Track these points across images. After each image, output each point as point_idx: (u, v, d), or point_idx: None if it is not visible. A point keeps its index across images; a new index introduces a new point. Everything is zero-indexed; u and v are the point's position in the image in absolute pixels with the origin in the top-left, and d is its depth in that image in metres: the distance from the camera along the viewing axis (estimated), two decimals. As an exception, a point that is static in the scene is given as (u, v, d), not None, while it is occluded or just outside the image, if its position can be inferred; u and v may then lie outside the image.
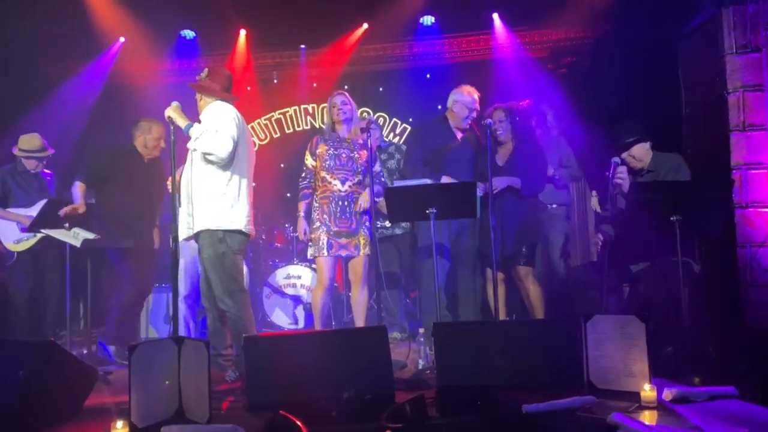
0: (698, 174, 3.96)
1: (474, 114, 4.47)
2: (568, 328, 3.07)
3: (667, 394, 2.67)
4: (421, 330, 4.01)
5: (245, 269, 5.18)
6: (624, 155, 3.89)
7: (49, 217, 4.11)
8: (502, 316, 4.22)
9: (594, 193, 4.34)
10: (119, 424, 2.31)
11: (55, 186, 5.03)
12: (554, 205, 4.97)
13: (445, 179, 4.18)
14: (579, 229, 6.19)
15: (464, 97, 4.47)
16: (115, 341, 4.40)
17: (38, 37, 5.89)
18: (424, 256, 4.24)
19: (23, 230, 4.64)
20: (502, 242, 4.19)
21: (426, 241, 4.06)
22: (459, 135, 4.50)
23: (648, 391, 2.63)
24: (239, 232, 3.54)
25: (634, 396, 2.68)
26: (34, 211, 4.68)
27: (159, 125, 4.50)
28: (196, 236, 3.55)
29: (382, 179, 4.44)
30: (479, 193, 3.99)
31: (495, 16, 6.53)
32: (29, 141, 4.83)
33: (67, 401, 2.88)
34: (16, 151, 4.83)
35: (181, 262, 4.41)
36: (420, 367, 3.70)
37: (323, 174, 4.17)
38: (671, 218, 3.38)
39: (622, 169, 3.78)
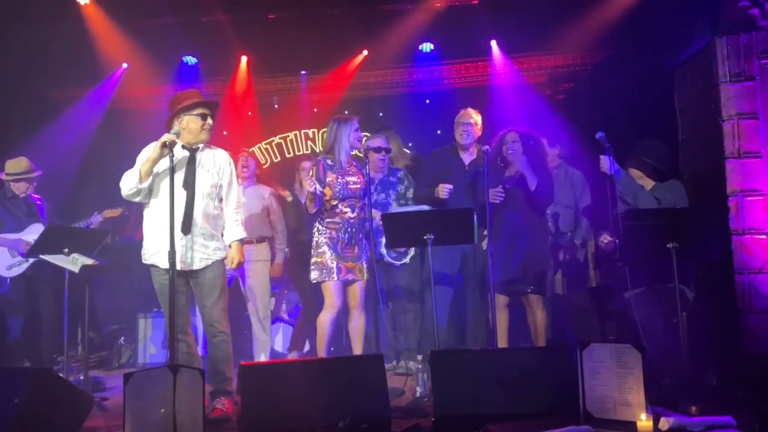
0: (694, 201, 3.98)
1: (470, 128, 4.52)
2: (564, 356, 3.06)
3: (664, 424, 2.65)
4: (419, 357, 4.01)
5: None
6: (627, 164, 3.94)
7: (49, 242, 4.12)
8: (504, 344, 4.21)
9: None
10: (113, 453, 2.30)
11: (46, 210, 5.02)
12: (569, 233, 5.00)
13: (443, 189, 4.23)
14: (576, 254, 6.19)
15: (457, 117, 4.60)
16: None
17: (43, 62, 5.98)
18: (427, 283, 4.25)
19: (21, 255, 4.64)
20: (509, 268, 4.20)
21: (426, 269, 4.08)
22: (468, 160, 4.56)
23: (644, 421, 2.61)
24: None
25: (631, 425, 2.66)
26: (24, 235, 4.70)
27: None
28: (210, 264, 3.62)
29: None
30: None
31: (493, 43, 6.61)
32: (16, 164, 4.83)
33: (63, 429, 2.87)
34: (2, 176, 4.83)
35: None
36: (417, 394, 3.68)
37: (334, 202, 4.16)
38: (668, 245, 3.39)
39: (603, 158, 3.86)
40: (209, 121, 3.60)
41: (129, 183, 3.51)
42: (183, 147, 3.58)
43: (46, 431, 2.79)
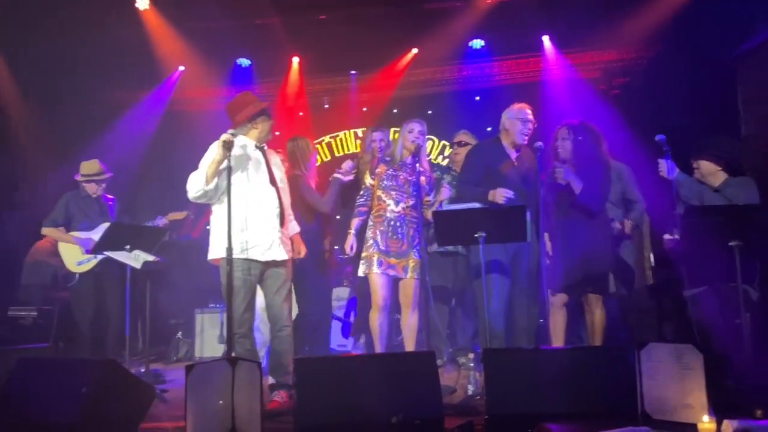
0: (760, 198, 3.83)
1: (529, 126, 4.24)
2: (621, 356, 3.00)
3: (727, 427, 2.57)
4: (470, 355, 3.98)
5: None
6: (693, 159, 3.81)
7: (112, 239, 4.29)
8: (560, 343, 4.14)
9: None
10: (175, 441, 2.39)
11: (116, 210, 5.22)
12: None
13: (501, 195, 4.02)
14: (633, 252, 6.05)
15: (513, 111, 4.30)
16: None
17: (103, 67, 6.21)
18: (476, 275, 4.13)
19: (87, 252, 4.85)
20: (567, 268, 4.10)
21: (479, 258, 3.90)
22: (514, 155, 4.31)
23: (706, 424, 2.54)
24: None
25: (692, 428, 2.60)
26: (94, 234, 4.89)
27: None
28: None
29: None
30: (505, 200, 3.92)
31: (545, 38, 6.52)
32: (89, 166, 5.06)
33: (126, 418, 2.99)
34: (78, 177, 5.06)
35: None
36: (469, 392, 3.67)
37: (379, 193, 4.21)
38: (730, 243, 3.28)
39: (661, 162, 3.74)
40: (273, 122, 3.83)
41: (195, 185, 3.60)
42: (256, 147, 3.77)
43: (112, 420, 2.91)
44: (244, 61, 7.07)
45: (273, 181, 3.74)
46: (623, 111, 5.79)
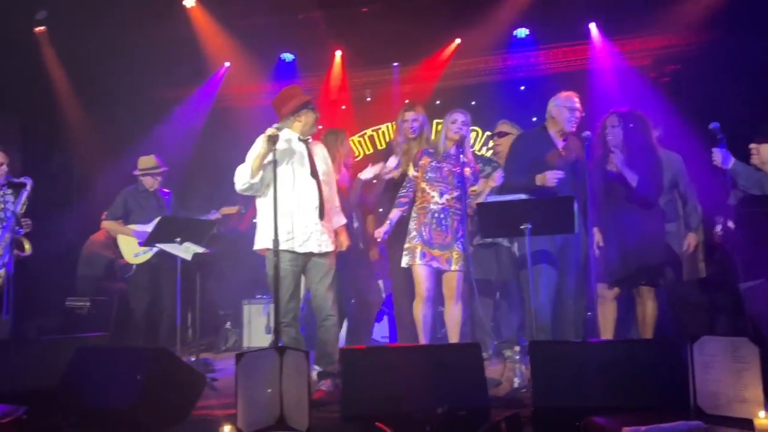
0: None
1: (576, 114, 4.16)
2: (672, 350, 2.93)
3: (785, 423, 2.49)
4: (516, 348, 3.94)
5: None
6: (754, 144, 3.69)
7: (163, 232, 4.41)
8: (609, 336, 4.07)
9: None
10: (227, 428, 2.45)
11: (172, 203, 5.37)
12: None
13: (552, 176, 3.95)
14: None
15: (561, 99, 4.22)
16: None
17: (152, 64, 6.39)
18: (523, 266, 4.09)
19: (141, 245, 5.01)
20: (623, 258, 4.02)
21: (525, 249, 3.84)
22: (561, 144, 4.23)
23: (763, 419, 2.46)
24: None
25: (747, 423, 2.52)
26: (151, 227, 5.05)
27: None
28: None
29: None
30: (555, 182, 3.88)
31: (592, 25, 6.38)
32: (146, 161, 5.25)
33: (179, 405, 3.08)
34: (136, 172, 5.25)
35: None
36: (515, 385, 3.63)
37: (423, 185, 4.21)
38: (789, 234, 3.17)
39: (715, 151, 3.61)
40: (317, 115, 3.87)
41: (242, 178, 3.71)
42: (299, 139, 3.81)
43: (165, 407, 3.00)
44: (288, 56, 7.15)
45: (314, 174, 3.77)
46: (674, 99, 5.62)
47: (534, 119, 6.43)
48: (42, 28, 6.11)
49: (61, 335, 5.18)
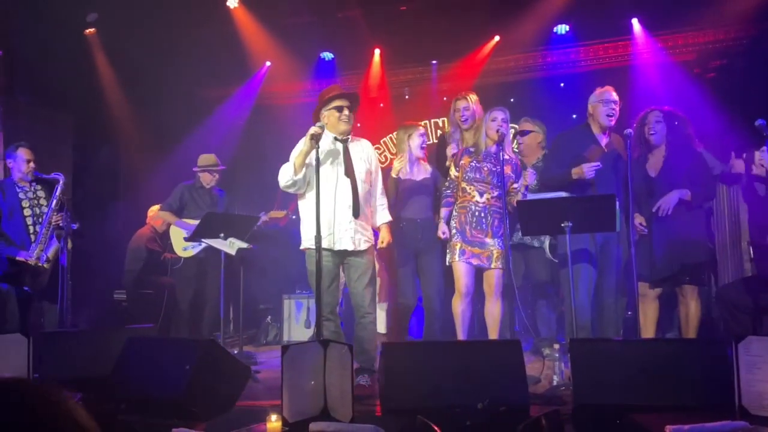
0: None
1: (612, 106, 4.09)
2: (716, 349, 2.90)
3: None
4: (555, 346, 3.95)
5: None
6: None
7: (207, 228, 4.54)
8: (649, 335, 4.04)
9: None
10: (273, 417, 2.53)
11: (225, 202, 5.52)
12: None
13: (589, 168, 3.94)
14: (729, 243, 5.76)
15: (596, 95, 4.19)
16: None
17: (197, 64, 6.55)
18: (563, 264, 4.09)
19: (186, 239, 5.16)
20: (667, 257, 3.99)
21: (566, 248, 3.84)
22: (604, 140, 4.20)
23: (811, 421, 2.42)
24: None
25: (794, 425, 2.49)
26: None
27: None
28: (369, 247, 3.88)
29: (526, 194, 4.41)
30: (591, 174, 3.87)
31: (634, 21, 6.28)
32: (206, 158, 5.44)
33: (226, 395, 3.18)
34: (195, 168, 5.41)
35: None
36: (554, 383, 3.64)
37: (464, 185, 4.25)
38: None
39: (762, 154, 3.53)
40: (345, 112, 3.83)
41: (285, 175, 3.81)
42: (335, 139, 3.85)
43: (213, 397, 3.11)
44: (328, 55, 7.23)
45: (348, 173, 3.80)
46: (719, 95, 5.50)
47: (574, 116, 6.37)
48: (92, 30, 6.32)
49: (109, 326, 5.38)
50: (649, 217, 4.07)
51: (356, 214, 3.79)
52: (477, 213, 4.16)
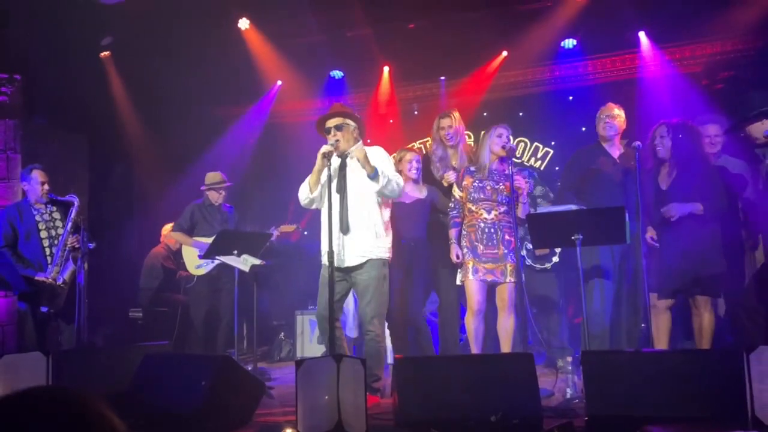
0: None
1: (607, 120, 4.41)
2: (728, 360, 2.90)
3: None
4: (569, 358, 3.95)
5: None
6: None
7: (221, 245, 4.60)
8: (663, 346, 4.04)
9: None
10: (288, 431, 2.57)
11: (234, 218, 5.58)
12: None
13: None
14: (740, 251, 5.74)
15: (598, 113, 4.52)
16: None
17: (210, 84, 6.66)
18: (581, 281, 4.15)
19: (200, 257, 5.21)
20: (680, 268, 4.00)
21: (584, 264, 3.90)
22: (616, 153, 4.45)
23: (825, 431, 2.42)
24: (388, 260, 3.90)
25: (809, 435, 2.48)
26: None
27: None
28: (364, 262, 3.83)
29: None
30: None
31: (641, 34, 6.33)
32: (212, 176, 5.50)
33: (241, 410, 3.22)
34: (203, 187, 5.48)
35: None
36: (567, 396, 3.65)
37: (469, 205, 4.29)
38: None
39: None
40: (333, 133, 3.86)
41: (303, 193, 3.94)
42: (338, 156, 3.88)
43: (228, 412, 3.15)
44: (337, 73, 7.32)
45: (340, 189, 3.81)
46: (727, 107, 5.51)
47: (583, 129, 6.42)
48: (107, 53, 6.46)
49: (125, 344, 5.43)
50: (661, 229, 4.09)
51: (345, 230, 3.78)
52: (487, 230, 4.20)
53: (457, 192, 4.40)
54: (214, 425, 2.99)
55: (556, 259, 5.02)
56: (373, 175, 3.75)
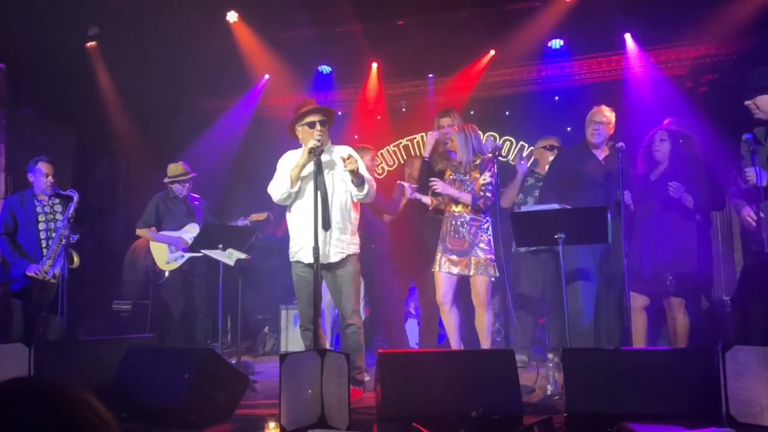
0: None
1: (595, 126, 4.35)
2: (703, 358, 2.96)
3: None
4: (550, 355, 4.00)
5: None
6: (747, 102, 3.70)
7: (206, 239, 4.59)
8: (640, 345, 4.10)
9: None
10: (271, 425, 2.58)
11: (202, 209, 5.50)
12: None
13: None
14: (722, 254, 5.85)
15: (588, 115, 4.47)
16: None
17: (197, 77, 6.63)
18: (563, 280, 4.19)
19: (183, 251, 5.18)
20: (651, 269, 4.09)
21: (568, 265, 3.95)
22: (602, 155, 4.43)
23: (796, 429, 2.48)
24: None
25: (782, 433, 2.54)
26: (183, 233, 5.22)
27: None
28: (344, 258, 3.83)
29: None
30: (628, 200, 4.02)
31: (627, 36, 6.39)
32: (174, 168, 5.38)
33: (224, 403, 3.23)
34: (166, 180, 5.38)
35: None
36: (548, 392, 3.70)
37: (439, 198, 4.39)
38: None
39: (749, 171, 3.60)
40: (318, 127, 3.81)
41: (281, 188, 3.83)
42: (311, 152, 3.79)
43: (211, 406, 3.15)
44: (326, 68, 7.31)
45: (319, 186, 3.71)
46: (711, 109, 5.59)
47: (569, 129, 6.48)
48: (94, 43, 6.40)
49: (109, 336, 5.40)
50: (641, 230, 4.15)
51: (326, 226, 3.73)
52: (455, 223, 4.26)
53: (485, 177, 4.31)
54: (197, 418, 3.00)
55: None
56: (360, 183, 3.77)
